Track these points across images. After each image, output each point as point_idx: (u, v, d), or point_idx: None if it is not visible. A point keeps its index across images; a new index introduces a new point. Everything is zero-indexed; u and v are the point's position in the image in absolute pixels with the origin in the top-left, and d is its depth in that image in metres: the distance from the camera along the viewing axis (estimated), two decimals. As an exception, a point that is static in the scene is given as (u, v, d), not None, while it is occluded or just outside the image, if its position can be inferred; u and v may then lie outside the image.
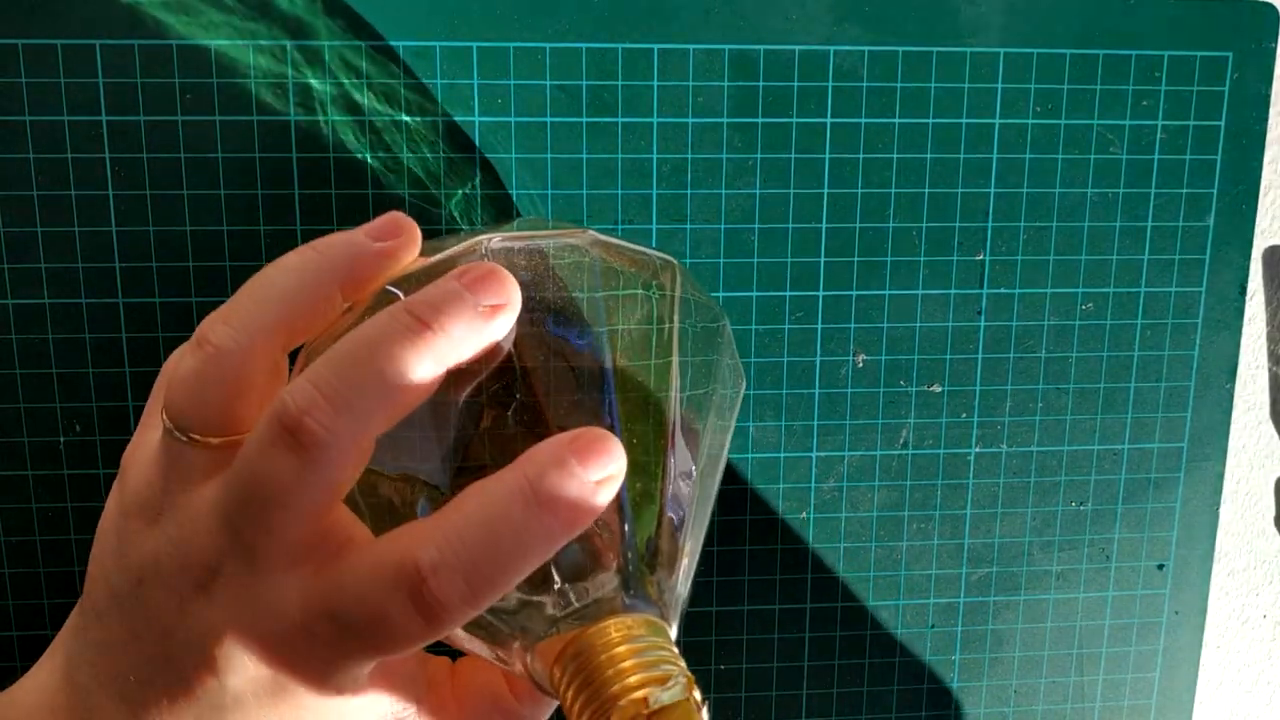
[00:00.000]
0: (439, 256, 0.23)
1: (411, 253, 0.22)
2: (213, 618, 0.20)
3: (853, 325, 0.34)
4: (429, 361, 0.19)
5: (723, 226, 0.33)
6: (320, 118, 0.31)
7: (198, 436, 0.21)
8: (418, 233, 0.22)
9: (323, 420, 0.18)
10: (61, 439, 0.32)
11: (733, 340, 0.26)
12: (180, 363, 0.21)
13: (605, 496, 0.20)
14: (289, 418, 0.19)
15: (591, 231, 0.24)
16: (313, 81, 0.31)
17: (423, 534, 0.19)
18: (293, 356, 0.23)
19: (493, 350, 0.21)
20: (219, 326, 0.21)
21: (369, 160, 0.31)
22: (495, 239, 0.23)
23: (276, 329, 0.21)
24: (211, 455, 0.21)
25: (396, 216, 0.22)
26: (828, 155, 0.33)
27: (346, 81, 0.31)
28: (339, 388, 0.19)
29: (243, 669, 0.20)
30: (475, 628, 0.21)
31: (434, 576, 0.18)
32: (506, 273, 0.21)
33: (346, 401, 0.19)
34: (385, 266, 0.22)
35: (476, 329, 0.20)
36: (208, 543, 0.20)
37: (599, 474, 0.19)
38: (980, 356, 0.35)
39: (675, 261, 0.25)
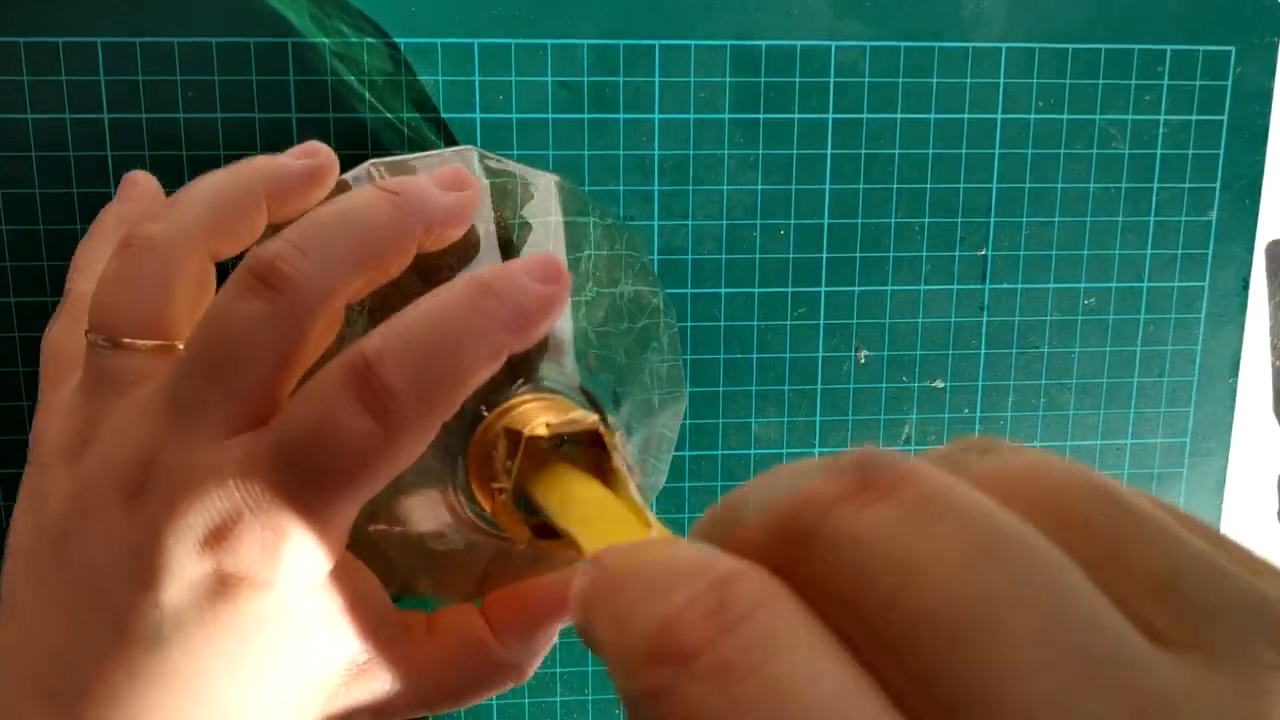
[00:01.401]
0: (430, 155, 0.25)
1: (332, 175, 0.23)
2: (144, 520, 0.18)
3: (855, 321, 0.34)
4: (395, 222, 0.20)
5: (724, 222, 0.33)
6: (321, 116, 0.31)
7: (128, 340, 0.20)
8: (335, 159, 0.23)
9: (294, 262, 0.18)
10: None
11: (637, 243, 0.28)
12: (105, 267, 0.20)
13: (552, 303, 0.19)
14: (260, 262, 0.18)
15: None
16: (314, 79, 0.31)
17: (371, 334, 0.18)
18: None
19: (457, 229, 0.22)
20: (146, 224, 0.20)
21: (368, 156, 0.31)
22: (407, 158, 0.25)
23: (205, 227, 0.21)
24: (142, 362, 0.20)
25: (315, 144, 0.23)
26: (829, 151, 0.33)
27: (348, 79, 0.31)
28: (310, 236, 0.19)
29: (180, 570, 0.18)
30: (420, 476, 0.20)
31: (379, 363, 0.17)
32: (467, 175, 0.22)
33: (318, 248, 0.19)
34: (307, 184, 0.22)
35: (436, 198, 0.21)
36: (143, 436, 0.18)
37: (546, 286, 0.19)
38: (983, 352, 0.35)
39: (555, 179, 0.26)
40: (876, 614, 0.10)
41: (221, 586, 0.18)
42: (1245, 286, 0.35)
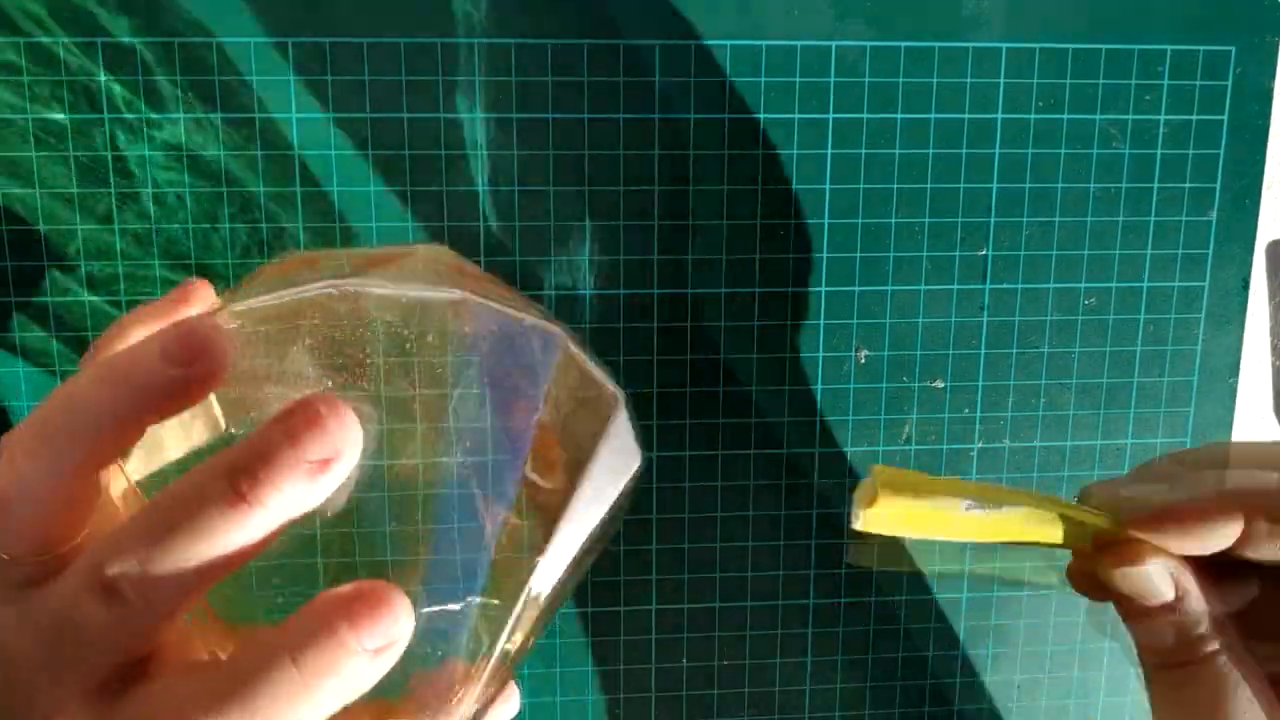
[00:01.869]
0: (290, 296, 0.20)
1: (213, 382, 0.19)
2: None
3: (855, 321, 0.34)
4: (247, 533, 0.18)
5: (724, 222, 0.33)
6: (321, 115, 0.31)
7: (5, 556, 0.19)
8: (221, 349, 0.19)
9: (136, 588, 0.18)
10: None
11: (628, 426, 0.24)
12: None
13: (381, 667, 0.18)
14: (103, 578, 0.18)
15: (471, 297, 0.21)
16: (314, 78, 0.31)
17: (192, 695, 0.18)
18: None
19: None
20: (23, 457, 0.19)
21: (370, 155, 0.31)
22: (373, 286, 0.20)
23: (81, 462, 0.19)
24: (27, 572, 0.20)
25: (190, 324, 0.19)
26: (830, 151, 0.33)
27: (349, 79, 0.31)
28: (155, 556, 0.18)
29: None
30: None
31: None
32: (338, 417, 0.19)
33: (161, 572, 0.18)
34: (189, 395, 0.19)
35: (301, 492, 0.18)
36: (17, 653, 0.19)
37: (376, 642, 0.18)
38: (983, 352, 0.35)
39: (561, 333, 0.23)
40: None
41: None
42: (1245, 286, 0.35)
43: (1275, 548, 0.23)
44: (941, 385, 0.35)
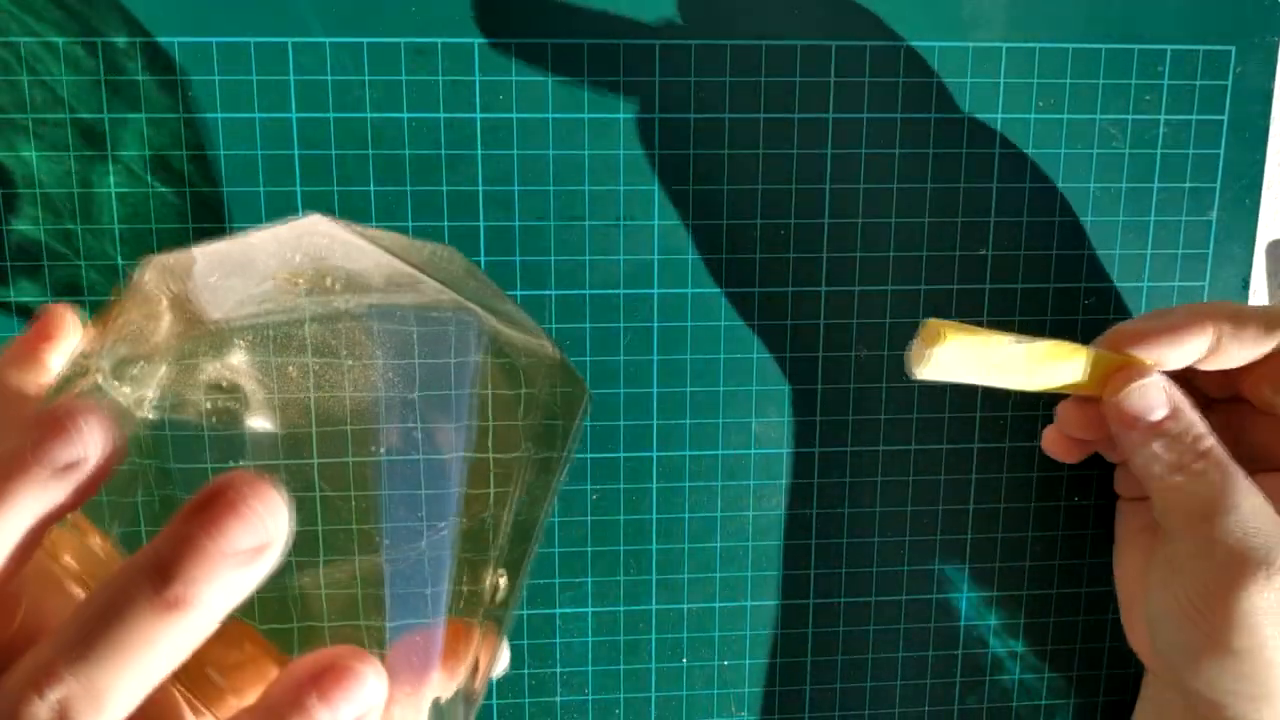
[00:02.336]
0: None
1: (104, 476, 0.17)
2: None
3: (855, 321, 0.34)
4: (187, 634, 0.17)
5: (724, 222, 0.33)
6: (322, 115, 0.31)
7: None
8: (111, 444, 0.17)
9: (76, 711, 0.16)
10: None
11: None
12: None
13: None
14: (42, 700, 0.16)
15: (477, 308, 0.21)
16: (314, 78, 0.31)
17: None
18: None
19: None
20: None
21: (370, 154, 0.31)
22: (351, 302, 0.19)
23: None
24: None
25: (70, 416, 0.17)
26: (829, 150, 0.33)
27: (350, 79, 0.31)
28: (91, 671, 0.16)
29: None
30: None
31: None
32: (264, 501, 0.17)
33: (100, 687, 0.16)
34: (76, 498, 0.17)
35: (237, 583, 0.17)
36: None
37: (352, 713, 0.17)
38: (983, 352, 0.35)
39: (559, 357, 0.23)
40: None
41: None
42: (1245, 286, 0.35)
43: (1238, 353, 0.28)
44: (942, 385, 0.35)
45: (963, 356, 0.28)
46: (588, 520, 0.34)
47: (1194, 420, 0.29)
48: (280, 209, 0.31)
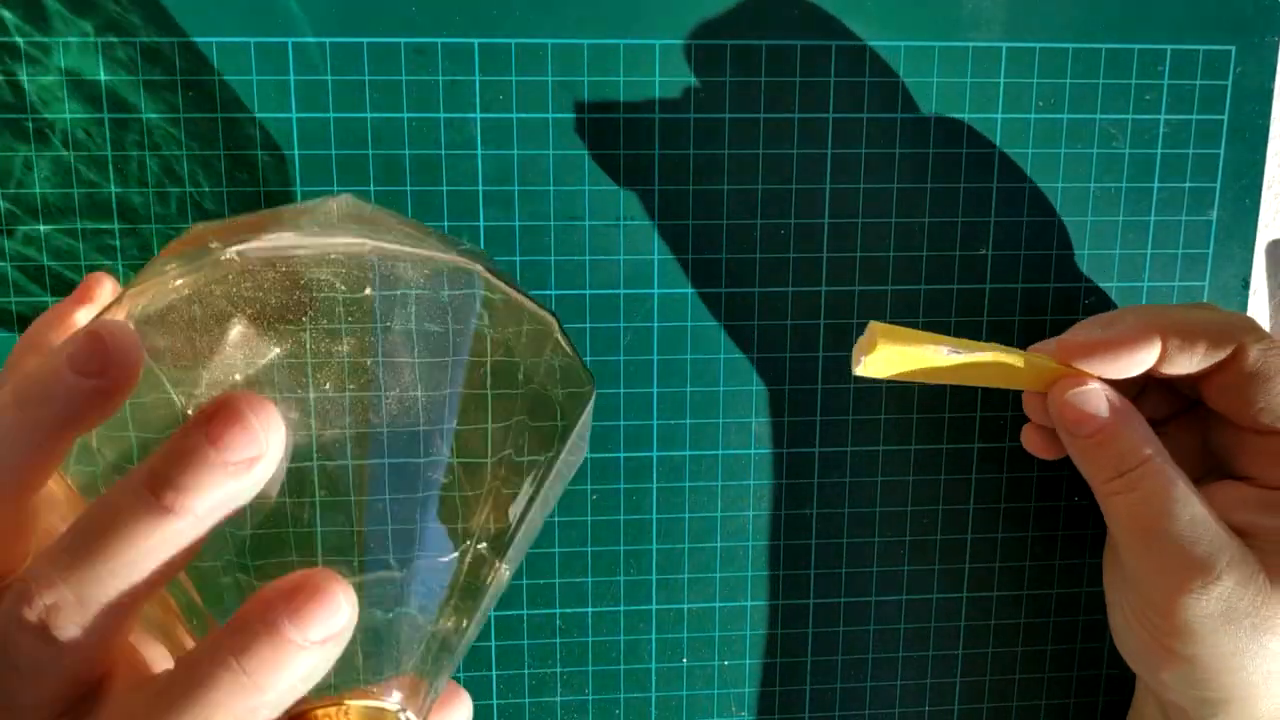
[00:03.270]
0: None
1: (129, 385, 0.18)
2: None
3: (855, 321, 0.34)
4: (175, 543, 0.18)
5: (724, 222, 0.33)
6: (322, 115, 0.31)
7: None
8: (129, 347, 0.18)
9: (69, 619, 0.17)
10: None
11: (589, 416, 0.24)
12: None
13: (329, 656, 0.18)
14: (34, 612, 0.17)
15: (477, 266, 0.21)
16: (315, 78, 0.31)
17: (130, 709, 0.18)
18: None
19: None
20: None
21: (370, 154, 0.31)
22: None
23: (8, 493, 0.19)
24: None
25: (94, 329, 0.18)
26: (829, 151, 0.33)
27: (349, 79, 0.31)
28: (84, 582, 0.17)
29: None
30: None
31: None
32: (260, 413, 0.18)
33: (93, 598, 0.17)
34: (108, 403, 0.18)
35: (228, 495, 0.18)
36: None
37: (320, 633, 0.18)
38: (983, 352, 0.35)
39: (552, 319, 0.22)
40: None
41: None
42: (1245, 286, 0.35)
43: (1186, 361, 0.28)
44: (941, 385, 0.35)
45: (896, 362, 0.28)
46: (588, 520, 0.34)
47: (1134, 428, 0.28)
48: (280, 209, 0.31)
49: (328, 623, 0.18)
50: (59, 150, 0.30)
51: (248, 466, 0.18)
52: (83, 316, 0.25)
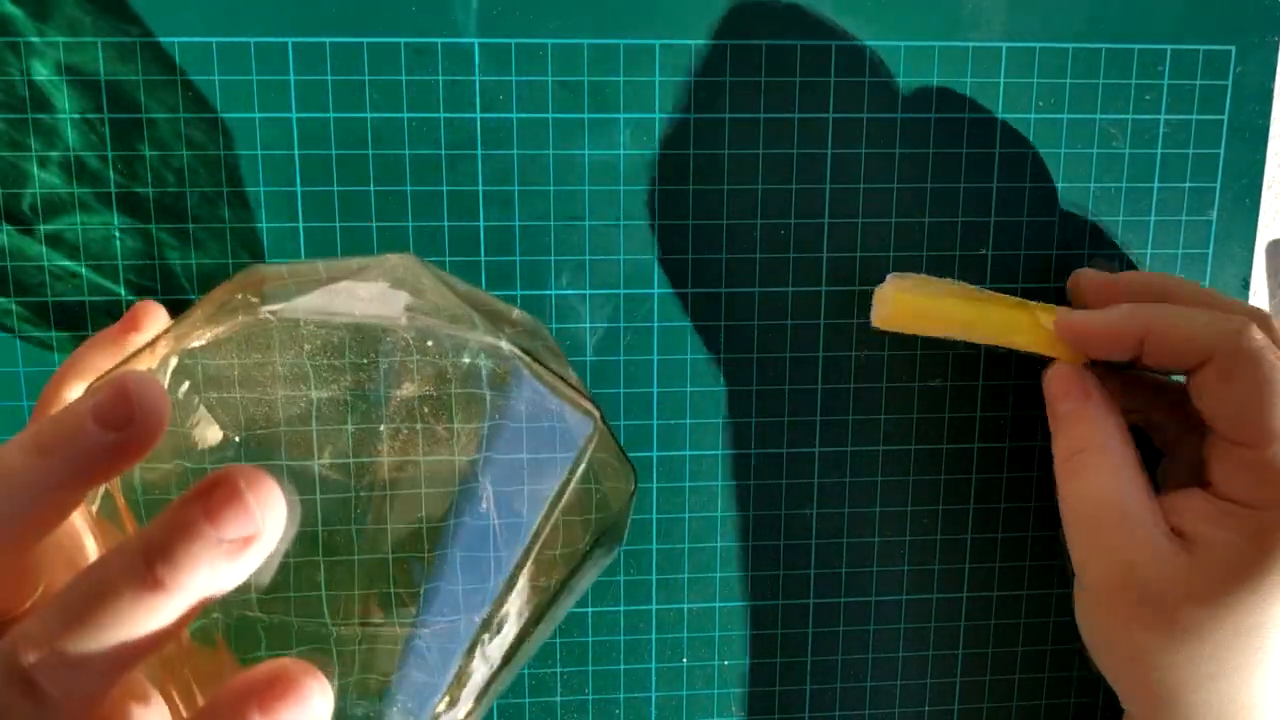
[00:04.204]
0: (336, 303, 0.19)
1: (152, 438, 0.18)
2: None
3: (855, 321, 0.34)
4: (163, 617, 0.17)
5: (724, 223, 0.33)
6: (322, 115, 0.31)
7: None
8: (156, 406, 0.18)
9: (53, 680, 0.17)
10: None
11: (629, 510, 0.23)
12: None
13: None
14: (20, 670, 0.17)
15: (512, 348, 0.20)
16: (315, 78, 0.31)
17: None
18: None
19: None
20: None
21: (370, 154, 0.31)
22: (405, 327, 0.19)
23: (18, 539, 0.19)
24: None
25: (123, 382, 0.18)
26: (830, 150, 0.33)
27: (349, 79, 0.31)
28: (70, 646, 0.17)
29: None
30: None
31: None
32: (260, 492, 0.18)
33: (78, 662, 0.17)
34: (127, 457, 0.18)
35: (220, 574, 0.17)
36: None
37: None
38: (984, 351, 0.35)
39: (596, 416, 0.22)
40: None
41: None
42: (1245, 286, 0.35)
43: (1161, 362, 0.29)
44: (941, 385, 0.35)
45: (913, 314, 0.30)
46: (588, 520, 0.34)
47: (1099, 417, 0.30)
48: (280, 209, 0.31)
49: (298, 718, 0.17)
50: (59, 150, 0.30)
51: (242, 546, 0.17)
52: (133, 341, 0.25)
